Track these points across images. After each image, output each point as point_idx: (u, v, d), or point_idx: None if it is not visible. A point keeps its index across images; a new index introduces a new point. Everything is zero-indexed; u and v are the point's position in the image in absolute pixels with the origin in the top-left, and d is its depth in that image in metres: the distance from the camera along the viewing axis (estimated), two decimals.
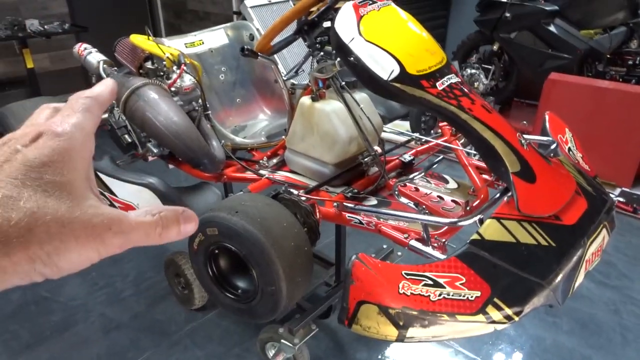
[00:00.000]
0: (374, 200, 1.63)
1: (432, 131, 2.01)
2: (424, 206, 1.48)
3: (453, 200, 1.58)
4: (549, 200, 1.29)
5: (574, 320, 2.29)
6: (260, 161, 1.97)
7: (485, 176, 1.67)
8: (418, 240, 1.37)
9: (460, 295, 1.13)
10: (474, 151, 1.71)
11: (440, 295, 1.12)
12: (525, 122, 4.01)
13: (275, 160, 1.95)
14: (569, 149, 1.68)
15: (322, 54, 1.79)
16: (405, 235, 1.40)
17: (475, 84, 3.75)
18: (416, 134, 1.91)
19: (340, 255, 2.10)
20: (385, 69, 1.35)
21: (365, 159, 1.71)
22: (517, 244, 1.21)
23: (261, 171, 1.87)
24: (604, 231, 1.34)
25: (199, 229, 1.40)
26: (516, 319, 1.13)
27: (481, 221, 1.28)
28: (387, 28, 1.42)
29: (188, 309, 2.34)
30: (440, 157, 1.80)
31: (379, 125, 1.76)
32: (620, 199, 3.17)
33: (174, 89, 1.88)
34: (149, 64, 2.00)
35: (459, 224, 1.30)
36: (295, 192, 1.56)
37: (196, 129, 1.80)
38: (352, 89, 1.71)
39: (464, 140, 1.85)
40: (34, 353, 2.13)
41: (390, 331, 1.10)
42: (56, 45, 4.75)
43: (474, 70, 3.86)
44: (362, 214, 1.49)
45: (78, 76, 4.10)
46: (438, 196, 1.61)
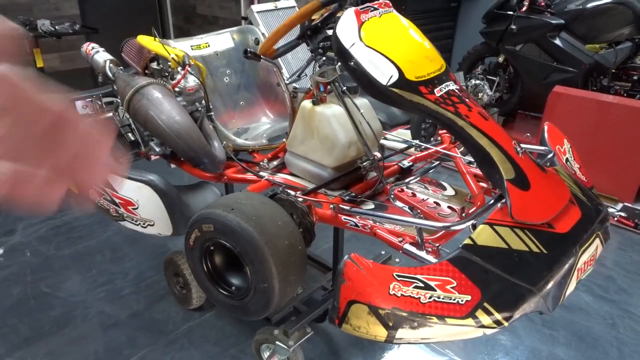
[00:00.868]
0: (371, 205, 1.64)
1: (432, 138, 2.02)
2: (418, 211, 1.49)
3: (449, 207, 1.59)
4: (542, 208, 1.30)
5: (571, 332, 2.28)
6: (261, 163, 1.99)
7: (483, 184, 1.68)
8: (412, 244, 1.38)
9: (450, 299, 1.14)
10: (471, 159, 1.72)
11: (430, 297, 1.13)
12: (528, 135, 3.98)
13: (275, 163, 1.97)
14: (567, 160, 1.69)
15: (325, 58, 1.82)
16: (399, 239, 1.41)
17: (480, 95, 3.77)
18: (416, 141, 1.92)
19: (337, 259, 2.11)
20: (385, 74, 1.37)
21: (364, 164, 1.72)
22: (509, 250, 1.22)
23: (261, 173, 1.89)
24: (597, 241, 1.34)
25: (195, 225, 1.42)
26: (505, 324, 1.14)
27: (474, 226, 1.29)
28: (388, 34, 1.45)
29: (186, 309, 2.36)
30: (436, 163, 1.81)
31: (378, 131, 1.78)
32: (622, 214, 3.16)
33: (177, 89, 1.91)
34: (154, 65, 2.03)
35: (452, 228, 1.31)
36: (292, 193, 1.58)
37: (198, 129, 1.83)
38: (354, 94, 1.73)
39: (463, 148, 1.87)
40: (32, 347, 2.15)
41: (380, 331, 1.11)
42: (66, 46, 4.82)
43: (478, 81, 3.88)
44: (358, 216, 1.50)
45: (86, 76, 4.16)
46: (435, 202, 1.63)
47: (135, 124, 1.92)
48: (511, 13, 3.87)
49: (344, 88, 1.66)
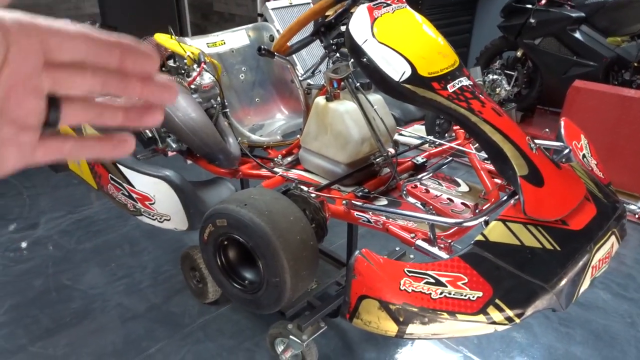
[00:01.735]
0: (384, 201, 1.64)
1: (447, 134, 2.01)
2: (431, 207, 1.49)
3: (463, 203, 1.59)
4: (556, 205, 1.29)
5: (588, 331, 2.25)
6: (275, 159, 2.00)
7: (497, 180, 1.67)
8: (425, 240, 1.38)
9: (461, 295, 1.14)
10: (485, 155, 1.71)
11: (441, 293, 1.14)
12: (547, 130, 3.95)
13: (289, 159, 1.98)
14: (584, 156, 1.66)
15: (338, 55, 1.82)
16: (412, 235, 1.41)
17: (498, 90, 3.71)
18: (430, 137, 1.92)
19: (351, 255, 2.11)
20: (397, 70, 1.37)
21: (377, 160, 1.73)
22: (522, 247, 1.22)
23: (275, 169, 1.91)
24: (613, 238, 1.32)
25: (209, 220, 1.45)
26: (517, 320, 1.13)
27: (487, 223, 1.28)
28: (400, 30, 1.44)
29: (202, 302, 2.39)
30: (449, 159, 1.81)
31: (392, 127, 1.78)
32: None
33: (193, 86, 1.93)
34: (171, 62, 2.06)
35: (464, 224, 1.31)
36: (305, 189, 1.59)
37: (213, 125, 1.85)
38: (368, 90, 1.73)
39: (477, 144, 1.85)
40: (53, 338, 2.21)
41: (390, 326, 1.12)
42: None
43: (496, 76, 3.83)
44: (371, 212, 1.51)
45: None
46: (448, 198, 1.62)
47: None
48: (530, 6, 3.80)
49: (358, 84, 1.67)
